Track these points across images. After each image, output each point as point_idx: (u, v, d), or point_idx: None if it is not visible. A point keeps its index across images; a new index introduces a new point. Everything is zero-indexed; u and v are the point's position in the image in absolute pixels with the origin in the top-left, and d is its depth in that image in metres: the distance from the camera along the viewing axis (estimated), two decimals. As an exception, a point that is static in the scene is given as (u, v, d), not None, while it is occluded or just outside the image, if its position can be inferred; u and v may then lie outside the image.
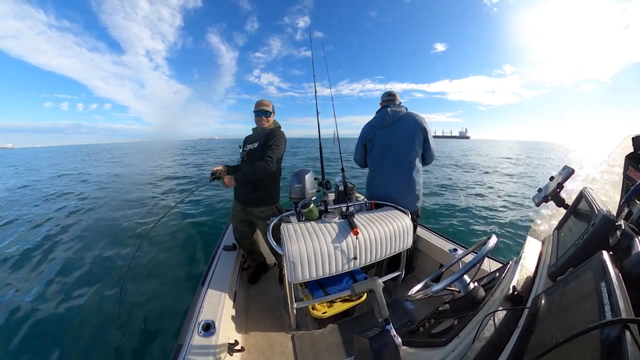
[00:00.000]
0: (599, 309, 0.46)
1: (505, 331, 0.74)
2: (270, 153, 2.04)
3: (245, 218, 2.31)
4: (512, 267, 1.11)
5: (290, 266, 1.47)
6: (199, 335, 1.41)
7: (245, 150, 2.24)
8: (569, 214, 1.09)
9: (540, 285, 0.87)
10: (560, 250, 0.93)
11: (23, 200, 8.01)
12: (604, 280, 0.51)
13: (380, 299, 0.94)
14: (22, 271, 3.67)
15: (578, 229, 0.88)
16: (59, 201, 7.86)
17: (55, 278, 3.42)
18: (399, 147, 2.08)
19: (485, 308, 0.92)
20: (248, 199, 2.18)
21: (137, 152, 41.91)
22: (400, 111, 2.11)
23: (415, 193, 2.11)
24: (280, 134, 2.16)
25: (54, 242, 4.61)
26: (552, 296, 0.66)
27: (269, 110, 2.20)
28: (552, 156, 27.72)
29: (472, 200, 6.87)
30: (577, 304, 0.55)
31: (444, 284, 1.03)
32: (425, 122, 2.05)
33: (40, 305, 2.91)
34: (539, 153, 35.20)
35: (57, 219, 6.01)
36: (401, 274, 2.02)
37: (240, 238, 2.42)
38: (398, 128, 2.08)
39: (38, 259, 4.00)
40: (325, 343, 1.79)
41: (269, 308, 2.20)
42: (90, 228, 5.35)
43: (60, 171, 16.34)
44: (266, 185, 2.17)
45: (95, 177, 13.25)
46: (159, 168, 16.38)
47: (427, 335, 1.05)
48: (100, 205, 7.10)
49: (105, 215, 6.20)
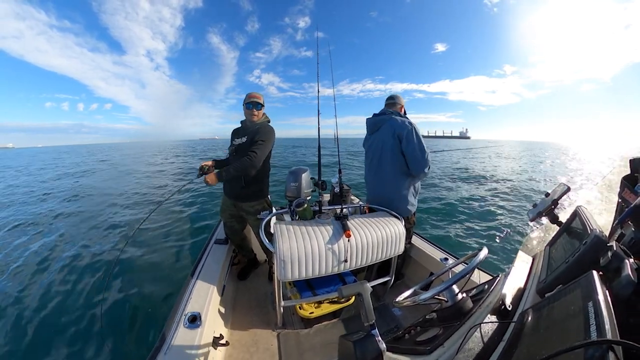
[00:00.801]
0: (585, 328, 0.46)
1: (490, 344, 0.73)
2: (256, 149, 1.98)
3: (235, 213, 2.29)
4: (502, 280, 1.11)
5: (280, 264, 1.46)
6: (184, 326, 1.41)
7: (233, 145, 2.18)
8: (561, 231, 1.09)
9: (528, 301, 0.86)
10: (550, 266, 0.93)
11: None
12: (591, 300, 0.51)
13: (368, 303, 0.93)
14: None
15: (570, 247, 0.88)
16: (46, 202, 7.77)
17: (40, 275, 3.40)
18: (379, 153, 2.11)
19: (472, 319, 0.92)
20: (238, 194, 2.15)
21: (138, 152, 42.31)
22: (384, 118, 2.10)
23: (400, 199, 2.07)
24: (268, 129, 2.11)
25: (38, 240, 4.58)
26: (539, 312, 0.66)
27: (260, 102, 2.12)
28: (558, 158, 26.92)
29: (467, 209, 6.89)
30: (564, 322, 0.55)
31: (433, 293, 1.03)
32: (405, 128, 1.95)
33: (24, 301, 2.89)
34: (537, 153, 34.43)
35: (43, 218, 5.95)
36: (391, 279, 2.01)
37: (230, 233, 2.40)
38: (379, 135, 2.12)
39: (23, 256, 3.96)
40: (310, 343, 1.78)
41: (256, 304, 2.19)
42: (76, 225, 5.33)
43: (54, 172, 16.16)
44: (256, 180, 2.14)
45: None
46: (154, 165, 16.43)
47: (412, 342, 1.05)
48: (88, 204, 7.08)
49: (90, 210, 6.18)
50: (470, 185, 9.92)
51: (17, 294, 2.98)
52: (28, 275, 3.42)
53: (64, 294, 2.99)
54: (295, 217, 1.87)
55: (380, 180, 2.13)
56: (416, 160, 1.94)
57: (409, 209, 2.10)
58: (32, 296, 2.96)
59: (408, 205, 2.09)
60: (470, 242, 4.79)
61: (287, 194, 2.11)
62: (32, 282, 3.25)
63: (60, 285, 3.18)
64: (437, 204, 7.01)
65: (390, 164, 2.04)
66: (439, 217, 5.98)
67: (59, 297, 2.94)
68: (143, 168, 15.58)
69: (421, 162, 1.94)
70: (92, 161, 24.47)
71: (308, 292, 1.75)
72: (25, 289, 3.09)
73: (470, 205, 7.07)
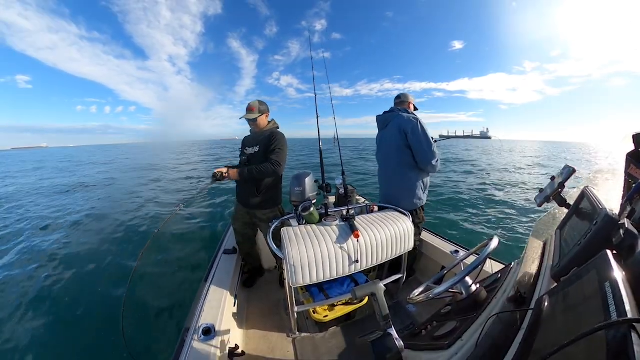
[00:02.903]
0: (604, 309, 0.45)
1: (509, 333, 0.73)
2: (276, 157, 2.03)
3: (249, 221, 2.30)
4: (515, 268, 1.10)
5: (290, 270, 1.46)
6: (198, 339, 1.40)
7: (245, 154, 2.20)
8: (571, 213, 1.07)
9: (544, 286, 0.85)
10: (563, 250, 0.92)
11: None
12: (608, 280, 0.50)
13: (382, 302, 0.93)
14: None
15: (580, 229, 0.87)
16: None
17: (53, 283, 3.42)
18: (387, 149, 2.20)
19: (488, 310, 0.91)
20: (252, 202, 2.17)
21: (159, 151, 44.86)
22: (392, 115, 2.16)
23: (407, 192, 2.09)
24: (280, 136, 2.13)
25: (55, 242, 4.69)
26: (556, 297, 0.65)
27: (253, 117, 2.11)
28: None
29: (478, 200, 6.85)
30: (582, 305, 0.54)
31: (446, 286, 1.02)
32: (410, 123, 2.01)
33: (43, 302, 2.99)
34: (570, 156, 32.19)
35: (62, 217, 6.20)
36: (403, 276, 2.00)
37: (242, 241, 2.41)
38: (387, 132, 2.19)
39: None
40: (327, 347, 1.77)
41: (269, 312, 2.18)
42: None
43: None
44: (269, 188, 2.16)
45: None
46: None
47: (429, 338, 1.04)
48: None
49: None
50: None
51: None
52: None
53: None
54: (302, 222, 1.87)
55: (390, 175, 2.20)
56: (422, 151, 1.99)
57: (415, 203, 2.10)
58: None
59: (415, 199, 2.10)
60: (480, 230, 4.77)
61: (292, 199, 2.11)
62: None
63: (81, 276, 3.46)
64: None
65: (397, 158, 2.09)
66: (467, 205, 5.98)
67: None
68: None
69: (428, 154, 1.98)
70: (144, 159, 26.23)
71: (321, 295, 1.75)
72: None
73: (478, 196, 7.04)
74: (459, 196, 7.22)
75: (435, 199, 6.77)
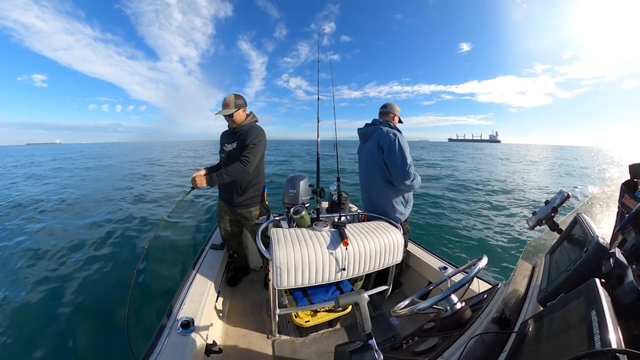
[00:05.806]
0: (589, 337, 0.44)
1: (490, 355, 0.71)
2: (248, 153, 1.96)
3: (233, 218, 2.27)
4: (502, 289, 1.09)
5: (276, 271, 1.43)
6: (177, 332, 1.38)
7: (224, 151, 2.13)
8: (562, 238, 1.07)
9: (530, 310, 0.84)
10: (551, 275, 0.91)
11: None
12: (594, 309, 0.49)
13: (365, 312, 0.91)
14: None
15: (571, 255, 0.86)
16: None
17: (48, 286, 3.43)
18: (367, 164, 2.15)
19: (472, 329, 0.89)
20: (235, 201, 2.13)
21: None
22: (373, 129, 2.10)
23: (388, 207, 2.06)
24: (258, 131, 2.06)
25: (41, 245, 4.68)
26: (541, 321, 0.64)
27: (229, 112, 2.00)
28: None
29: (468, 218, 6.87)
30: (566, 331, 0.53)
31: (431, 302, 1.00)
32: (388, 139, 1.94)
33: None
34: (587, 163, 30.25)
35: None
36: (388, 288, 1.98)
37: (228, 238, 2.37)
38: (367, 145, 2.14)
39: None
40: (306, 352, 1.74)
41: (251, 311, 2.15)
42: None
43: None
44: (252, 185, 2.12)
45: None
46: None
47: (410, 353, 1.02)
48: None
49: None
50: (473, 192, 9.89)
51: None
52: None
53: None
54: (293, 225, 1.85)
55: (371, 189, 2.15)
56: (396, 170, 1.93)
57: (397, 217, 2.08)
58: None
59: (396, 214, 2.07)
60: (470, 248, 4.76)
61: (284, 201, 2.09)
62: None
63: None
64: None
65: (376, 173, 2.06)
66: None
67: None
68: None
69: (401, 174, 1.92)
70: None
71: (304, 300, 1.72)
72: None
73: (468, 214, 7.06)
74: (449, 212, 7.24)
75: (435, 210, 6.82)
